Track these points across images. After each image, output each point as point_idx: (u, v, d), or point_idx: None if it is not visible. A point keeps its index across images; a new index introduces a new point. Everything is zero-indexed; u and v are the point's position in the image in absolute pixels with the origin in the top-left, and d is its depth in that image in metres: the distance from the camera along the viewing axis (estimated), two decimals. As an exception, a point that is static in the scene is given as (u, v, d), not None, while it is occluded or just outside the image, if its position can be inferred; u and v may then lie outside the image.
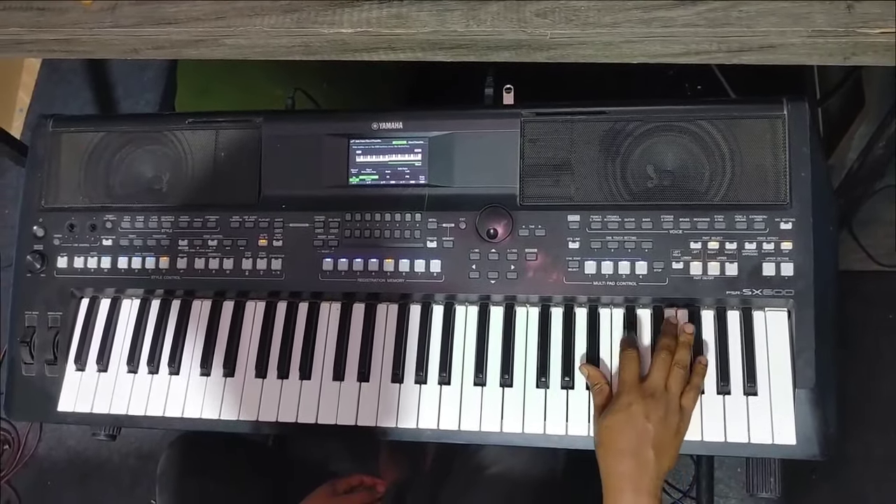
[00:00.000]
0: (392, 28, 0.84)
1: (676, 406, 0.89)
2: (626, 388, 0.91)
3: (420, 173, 1.04)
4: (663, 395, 0.89)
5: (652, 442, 0.86)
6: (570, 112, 1.01)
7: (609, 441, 0.89)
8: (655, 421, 0.87)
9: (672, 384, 0.90)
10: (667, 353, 0.92)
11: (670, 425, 0.88)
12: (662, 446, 0.86)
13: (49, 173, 1.13)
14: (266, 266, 1.05)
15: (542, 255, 0.99)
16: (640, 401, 0.88)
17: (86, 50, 0.94)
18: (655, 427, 0.87)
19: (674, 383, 0.90)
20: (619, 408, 0.89)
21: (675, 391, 0.90)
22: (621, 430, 0.88)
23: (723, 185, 0.96)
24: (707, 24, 0.79)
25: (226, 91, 1.61)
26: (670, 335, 0.94)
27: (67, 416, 1.08)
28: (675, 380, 0.90)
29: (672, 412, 0.88)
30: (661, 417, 0.87)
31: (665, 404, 0.88)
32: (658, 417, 0.87)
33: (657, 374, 0.91)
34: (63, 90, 2.17)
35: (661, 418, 0.87)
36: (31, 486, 1.83)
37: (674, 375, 0.90)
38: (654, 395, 0.89)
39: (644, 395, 0.89)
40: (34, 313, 1.11)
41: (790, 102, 0.96)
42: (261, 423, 1.02)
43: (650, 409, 0.87)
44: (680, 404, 0.89)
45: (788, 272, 0.94)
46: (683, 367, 0.91)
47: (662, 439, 0.87)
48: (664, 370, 0.91)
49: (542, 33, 0.81)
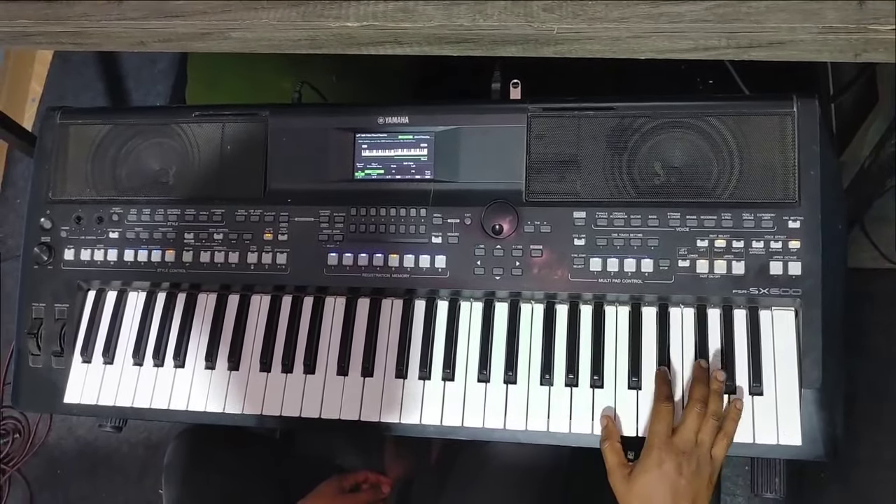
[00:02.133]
0: (398, 22, 0.83)
1: (707, 457, 0.87)
2: (658, 443, 0.88)
3: (426, 168, 1.04)
4: (695, 450, 0.87)
5: (687, 497, 0.85)
6: (578, 107, 1.00)
7: (643, 499, 0.86)
8: (688, 475, 0.85)
9: (704, 436, 0.88)
10: (701, 406, 0.89)
11: (703, 477, 0.86)
12: (698, 499, 0.85)
13: (57, 165, 1.13)
14: (271, 260, 1.05)
15: (548, 252, 0.98)
16: (672, 458, 0.86)
17: (93, 42, 0.94)
18: (689, 481, 0.85)
19: (706, 435, 0.88)
20: (651, 466, 0.87)
21: (707, 443, 0.88)
22: (655, 488, 0.86)
23: (731, 183, 0.95)
24: (716, 20, 0.77)
25: (235, 83, 1.61)
26: (703, 383, 0.92)
27: (73, 407, 1.09)
28: (707, 431, 0.88)
29: (704, 464, 0.87)
30: (693, 472, 0.86)
31: (697, 458, 0.87)
32: (691, 472, 0.86)
33: (689, 429, 0.88)
34: (75, 81, 2.17)
35: (693, 472, 0.86)
36: (41, 475, 1.85)
37: (706, 428, 0.88)
38: (686, 451, 0.87)
39: (676, 451, 0.87)
40: (41, 305, 1.11)
41: (800, 99, 0.95)
42: (265, 416, 1.03)
43: (682, 464, 0.86)
44: (711, 455, 0.88)
45: (796, 271, 0.93)
46: (717, 417, 0.89)
47: (697, 492, 0.86)
48: (697, 424, 0.89)
49: (549, 28, 0.81)
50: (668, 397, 0.92)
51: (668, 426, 0.89)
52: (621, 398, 0.95)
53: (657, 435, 0.89)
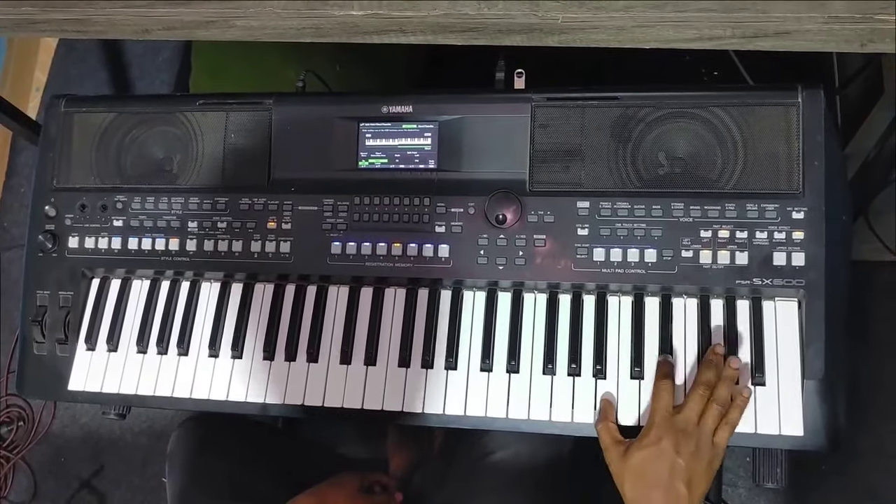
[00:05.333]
0: (403, 10, 0.83)
1: (709, 441, 0.86)
2: (658, 420, 0.88)
3: (430, 157, 1.04)
4: (695, 431, 0.86)
5: (683, 477, 0.83)
6: (582, 97, 1.00)
7: (638, 476, 0.86)
8: (686, 456, 0.84)
9: (707, 420, 0.87)
10: (705, 389, 0.88)
11: (702, 459, 0.85)
12: (694, 480, 0.84)
13: (61, 154, 1.13)
14: (275, 249, 1.05)
15: (551, 242, 0.98)
16: (670, 435, 0.86)
17: (98, 30, 0.94)
18: (687, 462, 0.84)
19: (709, 419, 0.87)
20: (649, 443, 0.86)
21: (709, 426, 0.87)
22: (651, 464, 0.85)
23: (735, 173, 0.95)
24: (721, 9, 0.77)
25: (240, 72, 1.60)
26: (713, 368, 0.91)
27: (78, 394, 1.09)
28: (711, 416, 0.87)
29: (705, 448, 0.86)
30: (692, 452, 0.85)
31: (697, 439, 0.85)
32: (689, 452, 0.85)
33: (692, 409, 0.87)
34: (79, 70, 2.17)
35: (692, 453, 0.85)
36: (45, 463, 1.86)
37: (710, 412, 0.87)
38: (686, 430, 0.86)
39: (675, 428, 0.86)
40: (45, 293, 1.12)
41: (805, 90, 0.94)
42: (268, 404, 1.03)
43: (681, 443, 0.85)
44: (714, 440, 0.87)
45: (800, 262, 0.93)
46: (722, 404, 0.88)
47: (694, 473, 0.84)
48: (700, 406, 0.88)
49: (554, 17, 0.80)
50: (667, 375, 0.92)
51: (669, 404, 0.89)
52: (624, 388, 0.95)
53: (657, 412, 0.89)
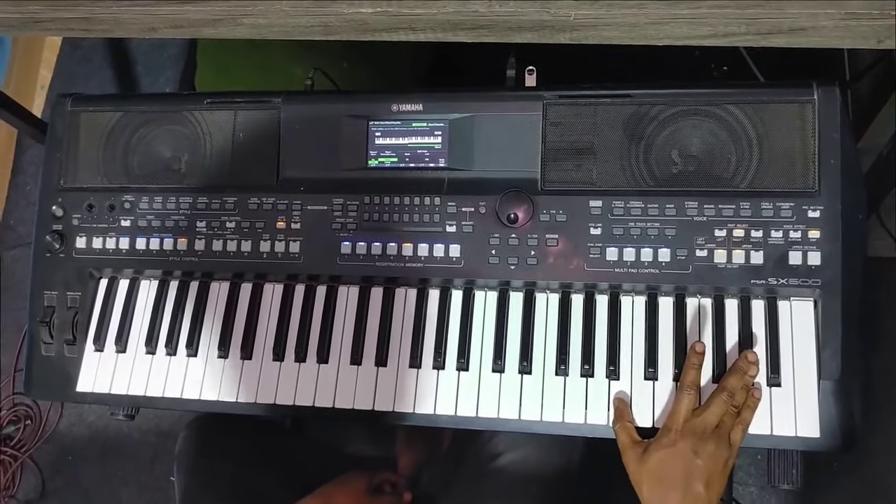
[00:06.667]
0: (413, 8, 0.82)
1: (726, 442, 0.87)
2: (677, 423, 0.88)
3: (440, 156, 1.03)
4: (714, 432, 0.87)
5: (701, 478, 0.84)
6: (594, 95, 0.99)
7: (656, 477, 0.86)
8: (705, 457, 0.85)
9: (725, 421, 0.88)
10: (728, 396, 0.88)
11: (719, 459, 0.86)
12: (712, 481, 0.85)
13: (68, 153, 1.12)
14: (284, 249, 1.04)
15: (563, 241, 0.97)
16: (689, 437, 0.86)
17: (104, 28, 0.93)
18: (705, 462, 0.85)
19: (727, 420, 0.88)
20: (667, 444, 0.87)
21: (728, 427, 0.88)
22: (670, 466, 0.86)
23: (749, 172, 0.94)
24: (736, 6, 0.76)
25: (245, 70, 1.60)
26: (740, 375, 0.90)
27: (86, 395, 1.09)
28: (729, 417, 0.88)
29: (722, 447, 0.86)
30: (710, 453, 0.85)
31: (715, 440, 0.86)
32: (707, 453, 0.85)
33: (713, 413, 0.88)
34: (84, 68, 2.16)
35: (710, 454, 0.85)
36: (53, 462, 1.86)
37: (728, 414, 0.88)
38: (705, 432, 0.86)
39: (694, 430, 0.87)
40: (53, 293, 1.11)
41: (821, 87, 0.93)
42: (278, 406, 1.02)
43: (699, 445, 0.86)
44: (729, 440, 0.87)
45: (816, 261, 0.92)
46: (738, 404, 0.89)
47: (712, 474, 0.85)
48: (722, 410, 0.88)
49: (566, 14, 0.79)
50: (693, 383, 0.91)
51: (690, 409, 0.89)
52: (637, 389, 0.95)
53: (676, 415, 0.89)
